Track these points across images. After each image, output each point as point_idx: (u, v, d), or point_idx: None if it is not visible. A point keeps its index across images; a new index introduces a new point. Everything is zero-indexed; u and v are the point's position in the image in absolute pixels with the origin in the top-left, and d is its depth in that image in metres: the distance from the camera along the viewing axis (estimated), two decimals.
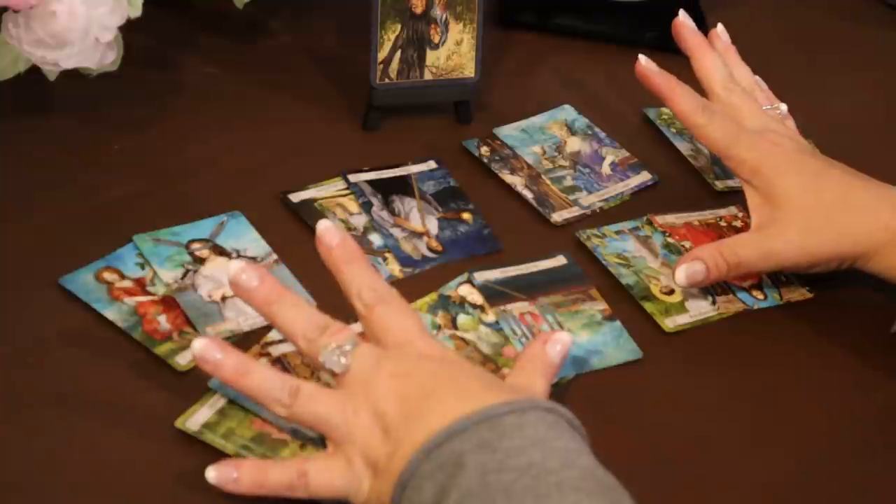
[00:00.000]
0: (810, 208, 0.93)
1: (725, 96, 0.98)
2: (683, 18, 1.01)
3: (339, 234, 0.83)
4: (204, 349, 0.78)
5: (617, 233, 0.99)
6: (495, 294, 0.93)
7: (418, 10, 1.02)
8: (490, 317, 0.91)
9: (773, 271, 0.96)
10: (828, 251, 0.93)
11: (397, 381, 0.77)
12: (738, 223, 1.01)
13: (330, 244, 0.82)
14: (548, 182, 1.03)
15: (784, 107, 1.01)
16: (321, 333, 0.79)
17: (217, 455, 0.80)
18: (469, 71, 1.04)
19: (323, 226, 0.83)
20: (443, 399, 0.76)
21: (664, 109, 1.11)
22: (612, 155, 1.06)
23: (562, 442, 0.73)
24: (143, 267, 0.91)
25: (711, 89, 0.99)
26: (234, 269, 0.80)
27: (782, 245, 0.93)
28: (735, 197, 1.02)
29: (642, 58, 0.97)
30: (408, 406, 0.76)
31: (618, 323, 0.92)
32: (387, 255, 0.95)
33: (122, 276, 0.90)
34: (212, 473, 0.77)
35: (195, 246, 0.93)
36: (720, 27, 1.04)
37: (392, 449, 0.75)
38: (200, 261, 0.92)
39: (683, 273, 0.92)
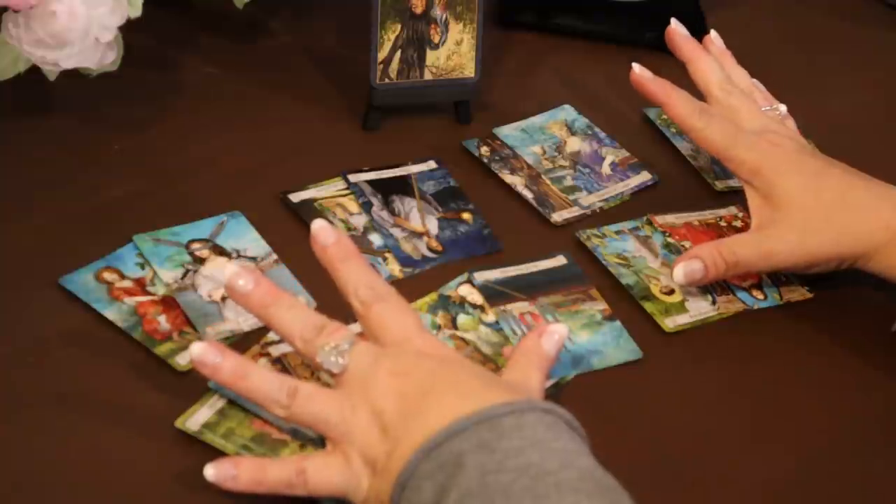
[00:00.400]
0: (810, 208, 0.93)
1: (723, 98, 0.98)
2: (675, 26, 1.02)
3: (334, 233, 0.83)
4: (202, 353, 0.78)
5: (617, 233, 0.99)
6: (495, 294, 0.93)
7: (418, 10, 1.02)
8: (490, 317, 0.91)
9: (773, 271, 0.96)
10: (827, 251, 0.93)
11: (396, 380, 0.77)
12: (739, 223, 1.01)
13: (325, 243, 0.82)
14: (548, 182, 1.03)
15: (783, 107, 1.01)
16: (318, 334, 0.79)
17: (217, 455, 0.80)
18: (469, 71, 1.04)
19: (317, 225, 0.83)
20: (442, 397, 0.76)
21: None
22: (612, 155, 1.06)
23: (560, 443, 0.73)
24: (143, 267, 0.91)
25: (709, 92, 0.99)
26: (229, 274, 0.80)
27: (782, 245, 0.93)
28: (735, 197, 1.02)
29: (636, 66, 0.97)
30: (406, 404, 0.76)
31: (618, 323, 0.92)
32: (387, 255, 0.95)
33: (122, 276, 0.90)
34: (210, 471, 0.77)
35: (195, 246, 0.93)
36: (713, 33, 1.04)
37: (391, 447, 0.75)
38: (200, 261, 0.92)
39: (682, 271, 0.93)
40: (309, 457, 0.78)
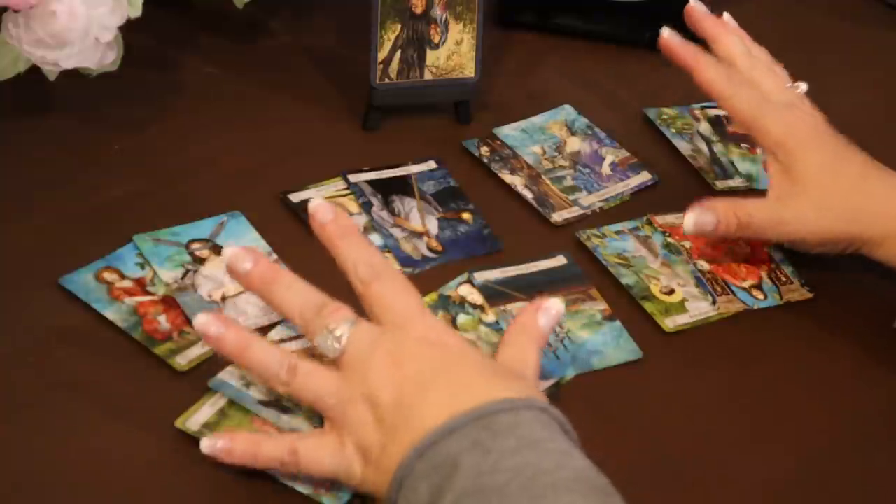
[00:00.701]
0: (827, 187, 0.93)
1: (747, 70, 0.98)
2: (695, 4, 1.01)
3: (332, 210, 0.82)
4: (206, 323, 0.78)
5: (617, 233, 0.99)
6: (495, 294, 0.93)
7: (418, 10, 1.02)
8: (490, 317, 0.91)
9: (781, 242, 0.96)
10: (839, 230, 0.92)
11: (394, 369, 0.77)
12: None
13: (323, 220, 0.82)
14: (548, 182, 1.03)
15: (804, 85, 1.00)
16: (317, 313, 0.79)
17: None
18: (469, 71, 1.04)
19: (315, 203, 0.83)
20: (439, 392, 0.76)
21: (664, 109, 1.11)
22: (612, 155, 1.06)
23: (556, 443, 0.73)
24: (143, 267, 0.91)
25: (733, 64, 0.98)
26: (229, 254, 0.81)
27: (796, 216, 0.93)
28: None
29: (666, 29, 0.97)
30: (403, 396, 0.76)
31: (618, 323, 0.92)
32: (387, 255, 0.95)
33: (122, 276, 0.90)
34: (206, 443, 0.78)
35: (195, 246, 0.93)
36: (726, 15, 1.03)
37: (385, 440, 0.75)
38: (200, 261, 0.92)
39: (693, 219, 0.92)
40: (303, 437, 0.79)
